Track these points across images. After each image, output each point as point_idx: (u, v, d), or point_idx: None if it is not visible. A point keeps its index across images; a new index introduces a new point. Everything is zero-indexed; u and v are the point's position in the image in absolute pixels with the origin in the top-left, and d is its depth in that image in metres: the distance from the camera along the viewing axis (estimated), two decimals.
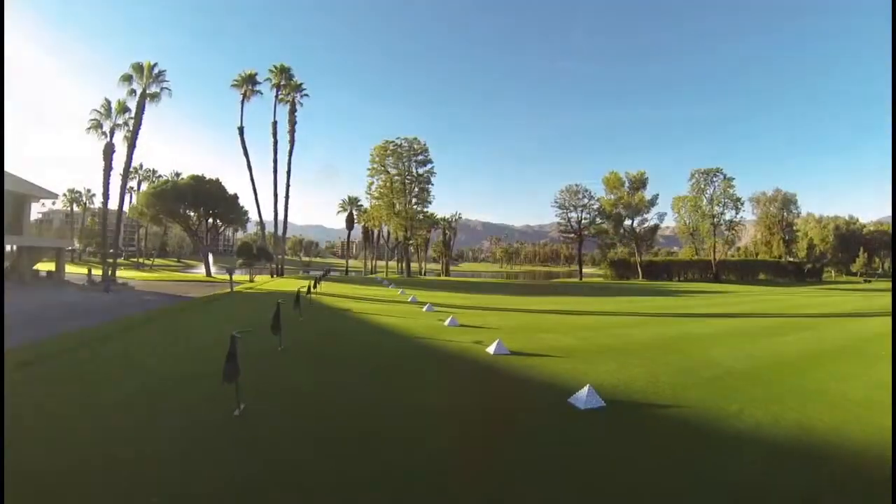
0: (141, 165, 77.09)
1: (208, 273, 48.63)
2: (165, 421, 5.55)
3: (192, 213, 50.69)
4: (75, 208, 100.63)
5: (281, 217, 46.11)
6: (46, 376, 7.31)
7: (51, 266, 37.72)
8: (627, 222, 68.46)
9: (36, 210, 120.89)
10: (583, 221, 67.61)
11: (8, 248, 31.76)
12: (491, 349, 9.57)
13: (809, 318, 19.67)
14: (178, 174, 64.74)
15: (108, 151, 37.55)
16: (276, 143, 44.61)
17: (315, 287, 22.50)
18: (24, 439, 4.74)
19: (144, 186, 68.57)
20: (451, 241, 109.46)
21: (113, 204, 39.01)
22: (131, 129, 37.38)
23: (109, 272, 35.38)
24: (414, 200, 60.55)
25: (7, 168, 27.08)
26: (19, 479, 3.89)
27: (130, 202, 65.44)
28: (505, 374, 8.15)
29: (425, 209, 61.98)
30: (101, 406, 6.00)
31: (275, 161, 44.45)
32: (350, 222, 76.92)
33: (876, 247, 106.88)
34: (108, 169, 37.25)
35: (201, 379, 7.10)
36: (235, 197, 49.24)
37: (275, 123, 44.81)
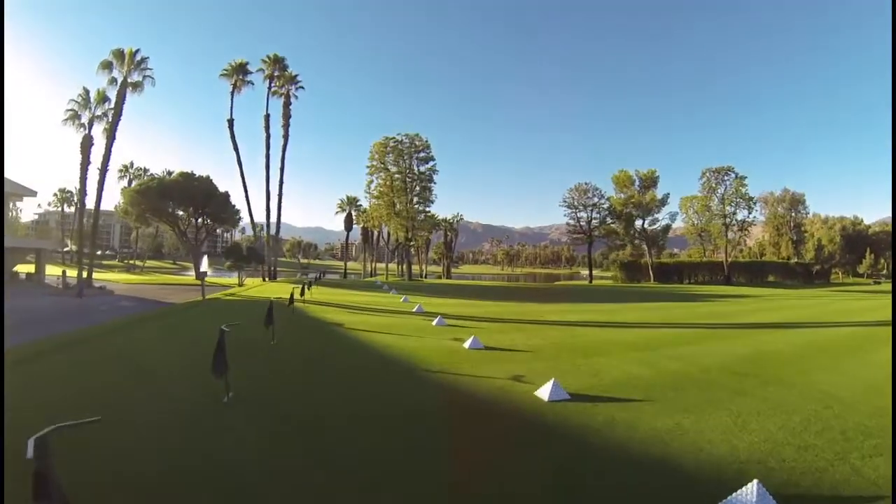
0: (132, 164, 74.08)
1: (198, 276, 45.69)
2: None
3: (181, 213, 47.85)
4: (69, 208, 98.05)
5: (274, 216, 43.33)
6: None
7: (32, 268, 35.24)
8: (638, 222, 65.74)
9: (32, 211, 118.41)
10: (593, 221, 64.67)
11: None
12: (543, 393, 6.62)
13: (870, 326, 16.92)
14: (169, 172, 61.86)
15: (86, 144, 34.77)
16: (268, 137, 41.86)
17: (303, 294, 19.22)
18: None
19: None
20: (453, 242, 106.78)
21: (91, 202, 36.17)
22: (111, 120, 34.61)
23: (85, 274, 32.44)
24: (415, 200, 57.67)
25: None
26: None
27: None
28: (580, 443, 5.23)
29: (427, 208, 59.10)
30: None
31: (267, 157, 41.70)
32: (349, 223, 74.12)
33: (882, 248, 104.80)
34: (85, 163, 34.45)
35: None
36: (226, 195, 46.29)
37: (267, 116, 42.06)
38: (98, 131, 35.40)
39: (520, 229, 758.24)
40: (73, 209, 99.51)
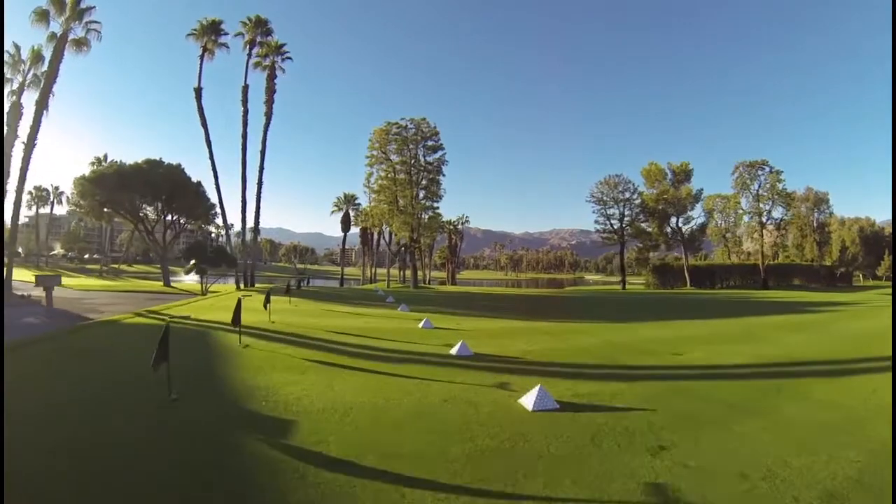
0: (105, 156, 66.72)
1: (167, 282, 38.49)
2: None
3: (147, 207, 40.65)
4: (62, 210, 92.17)
5: (252, 208, 36.07)
6: None
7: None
8: (672, 221, 58.67)
9: (24, 214, 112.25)
10: (625, 219, 57.05)
11: None
12: None
13: None
14: None
15: (15, 114, 27.64)
16: (245, 112, 34.58)
17: (236, 322, 10.24)
18: None
19: None
20: (458, 246, 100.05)
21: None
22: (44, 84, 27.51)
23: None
24: (421, 194, 50.24)
25: None
26: None
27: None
28: None
29: (435, 204, 51.53)
30: None
31: (244, 136, 34.36)
32: (346, 223, 67.06)
33: None
34: (11, 137, 27.14)
35: None
36: (199, 185, 38.93)
37: (245, 88, 34.91)
38: (32, 99, 28.35)
39: (520, 234, 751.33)
40: (65, 210, 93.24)
